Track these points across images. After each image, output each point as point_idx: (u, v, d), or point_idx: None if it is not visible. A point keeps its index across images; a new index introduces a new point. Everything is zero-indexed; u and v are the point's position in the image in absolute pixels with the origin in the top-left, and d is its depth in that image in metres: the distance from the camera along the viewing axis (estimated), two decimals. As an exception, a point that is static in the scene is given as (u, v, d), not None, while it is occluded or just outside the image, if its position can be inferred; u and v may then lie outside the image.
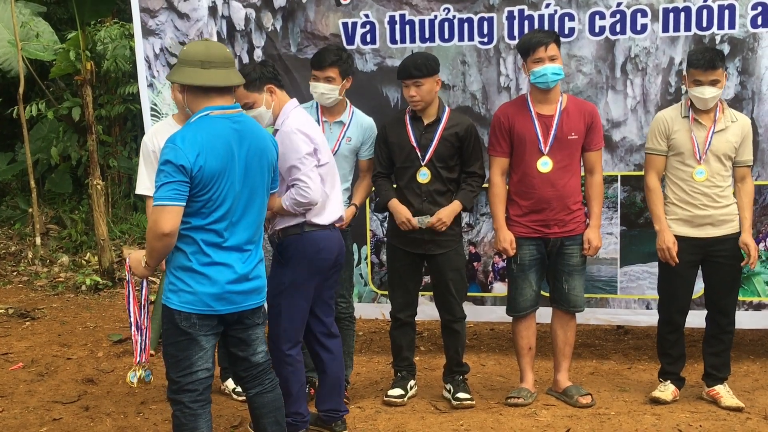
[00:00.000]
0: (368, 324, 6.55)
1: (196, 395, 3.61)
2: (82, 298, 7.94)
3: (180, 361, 3.58)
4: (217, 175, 3.47)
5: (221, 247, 3.54)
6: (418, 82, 4.76)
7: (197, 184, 3.44)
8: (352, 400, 5.00)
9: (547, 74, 4.67)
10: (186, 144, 3.42)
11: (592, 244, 4.83)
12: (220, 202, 3.50)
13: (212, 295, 3.54)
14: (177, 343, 3.58)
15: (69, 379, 5.56)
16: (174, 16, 5.77)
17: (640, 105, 5.41)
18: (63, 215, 10.11)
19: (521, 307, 4.94)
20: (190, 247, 3.51)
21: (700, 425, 4.54)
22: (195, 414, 3.61)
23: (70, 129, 10.03)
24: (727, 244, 4.74)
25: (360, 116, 4.96)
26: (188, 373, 3.58)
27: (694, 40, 5.27)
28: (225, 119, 3.57)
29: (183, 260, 3.53)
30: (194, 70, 3.54)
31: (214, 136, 3.49)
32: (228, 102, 3.62)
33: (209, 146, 3.46)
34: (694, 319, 5.03)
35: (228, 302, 3.58)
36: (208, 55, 3.57)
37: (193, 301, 3.53)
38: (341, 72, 4.78)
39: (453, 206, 4.84)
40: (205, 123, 3.53)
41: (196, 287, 3.52)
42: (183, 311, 3.53)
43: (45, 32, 9.89)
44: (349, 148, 4.90)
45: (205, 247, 3.51)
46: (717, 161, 4.69)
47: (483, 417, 4.72)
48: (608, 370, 5.58)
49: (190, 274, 3.52)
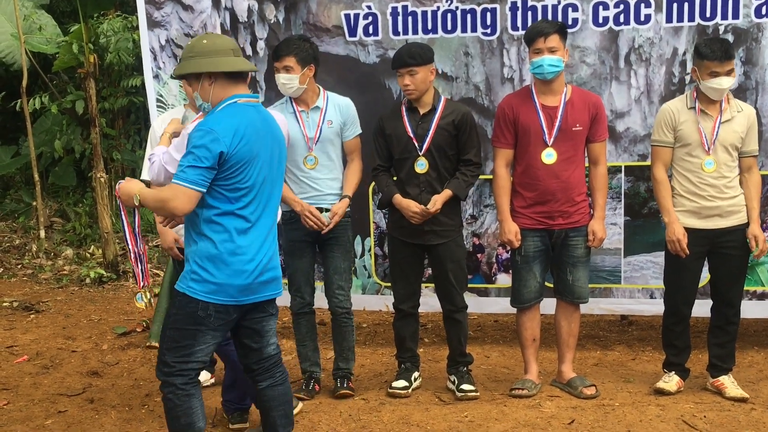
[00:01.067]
0: (372, 316, 6.56)
1: (189, 378, 3.61)
2: (87, 291, 7.95)
3: (180, 347, 3.57)
4: (249, 159, 3.51)
5: (248, 235, 3.56)
6: (413, 70, 4.75)
7: (231, 166, 3.47)
8: (357, 391, 5.01)
9: (544, 65, 4.66)
10: (222, 128, 3.46)
11: (596, 235, 4.83)
12: (249, 186, 3.54)
13: (238, 286, 3.55)
14: (184, 330, 3.57)
15: (74, 372, 5.57)
16: (179, 8, 5.77)
17: (643, 95, 5.39)
18: (67, 208, 10.12)
19: (525, 298, 4.93)
20: (219, 236, 3.52)
21: (704, 416, 4.54)
22: (189, 394, 3.62)
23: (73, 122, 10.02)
24: (735, 236, 4.73)
25: (335, 98, 4.96)
26: (184, 361, 3.58)
27: (698, 30, 5.25)
28: (251, 107, 3.63)
29: (210, 248, 3.52)
30: (228, 59, 3.61)
31: (246, 121, 3.54)
32: (248, 91, 3.69)
33: (243, 131, 3.50)
34: (698, 309, 5.02)
35: (251, 292, 3.60)
36: (234, 44, 3.72)
37: (218, 291, 3.53)
38: (299, 60, 4.77)
39: (444, 194, 4.82)
40: (235, 109, 3.58)
41: (222, 277, 3.52)
42: (204, 301, 3.53)
43: (48, 25, 9.87)
44: (333, 131, 4.89)
45: (235, 234, 3.52)
46: (724, 152, 4.68)
47: (487, 408, 4.72)
48: (612, 361, 5.58)
49: (216, 264, 3.52)
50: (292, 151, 4.86)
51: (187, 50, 3.69)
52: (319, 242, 4.95)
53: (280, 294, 3.78)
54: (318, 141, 4.84)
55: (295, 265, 4.95)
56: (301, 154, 4.86)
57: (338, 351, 5.07)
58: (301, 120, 4.86)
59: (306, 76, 4.81)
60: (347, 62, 5.62)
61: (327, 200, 4.88)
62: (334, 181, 4.91)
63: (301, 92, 4.84)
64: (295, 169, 4.88)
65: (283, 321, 6.73)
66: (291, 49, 4.77)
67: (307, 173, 4.86)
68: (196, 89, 3.67)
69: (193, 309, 3.54)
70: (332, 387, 5.02)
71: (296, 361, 5.25)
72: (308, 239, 4.92)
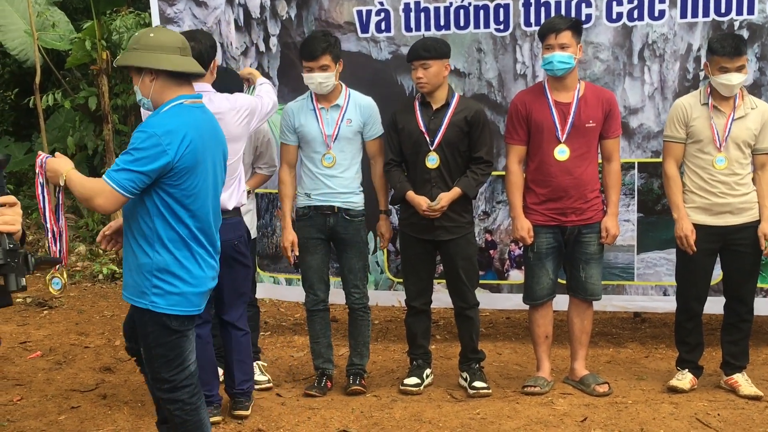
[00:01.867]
0: (384, 312, 6.56)
1: (193, 389, 3.55)
2: (99, 287, 7.99)
3: (172, 360, 3.49)
4: (195, 165, 3.40)
5: (200, 240, 3.47)
6: (426, 63, 4.74)
7: (177, 173, 3.35)
8: (369, 388, 5.01)
9: (554, 62, 4.64)
10: (168, 134, 3.32)
11: (609, 232, 4.81)
12: (196, 192, 3.43)
13: (199, 293, 3.50)
14: (167, 343, 3.47)
15: (87, 368, 5.59)
16: (192, 4, 5.77)
17: (657, 92, 5.37)
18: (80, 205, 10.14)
19: (538, 295, 4.92)
20: (173, 244, 3.41)
21: (718, 414, 4.52)
22: (196, 407, 3.56)
23: (86, 118, 10.05)
24: (747, 233, 4.70)
25: (357, 97, 4.93)
26: (181, 369, 3.51)
27: (713, 26, 5.22)
28: (197, 108, 3.53)
29: (166, 259, 3.41)
30: (172, 57, 3.46)
31: (192, 125, 3.42)
32: (193, 92, 3.58)
33: (190, 136, 3.37)
34: (712, 306, 5.00)
35: (206, 297, 3.57)
36: (184, 42, 3.54)
37: (182, 302, 3.45)
38: (333, 57, 4.77)
39: (452, 193, 4.81)
40: (182, 112, 3.45)
41: (183, 287, 3.44)
42: (172, 314, 3.44)
43: (61, 22, 9.90)
44: (352, 131, 4.87)
45: (188, 241, 3.43)
46: (737, 149, 4.65)
47: (499, 406, 4.71)
48: (625, 358, 5.56)
49: (175, 275, 3.43)
50: (309, 148, 4.87)
51: (132, 41, 3.54)
52: (334, 241, 4.95)
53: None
54: (336, 139, 4.83)
55: (308, 262, 4.95)
56: (318, 151, 4.85)
57: (353, 346, 5.07)
58: (320, 117, 4.84)
59: (338, 72, 4.82)
60: (359, 59, 5.61)
61: (340, 198, 4.86)
62: (350, 180, 4.88)
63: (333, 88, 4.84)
64: (311, 165, 4.88)
65: (295, 317, 6.76)
66: (325, 47, 4.73)
67: (323, 171, 4.85)
68: (137, 83, 3.50)
69: (165, 323, 3.45)
70: (344, 384, 5.02)
71: (308, 358, 5.25)
72: (321, 236, 4.92)
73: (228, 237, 4.33)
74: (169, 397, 3.53)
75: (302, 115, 4.89)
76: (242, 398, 4.60)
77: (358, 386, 4.95)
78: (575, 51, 4.69)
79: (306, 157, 4.92)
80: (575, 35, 4.68)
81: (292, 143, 4.96)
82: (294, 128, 4.91)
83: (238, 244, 4.44)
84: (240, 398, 4.59)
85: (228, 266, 4.38)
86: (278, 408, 4.76)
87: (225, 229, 4.29)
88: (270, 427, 4.49)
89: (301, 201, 4.95)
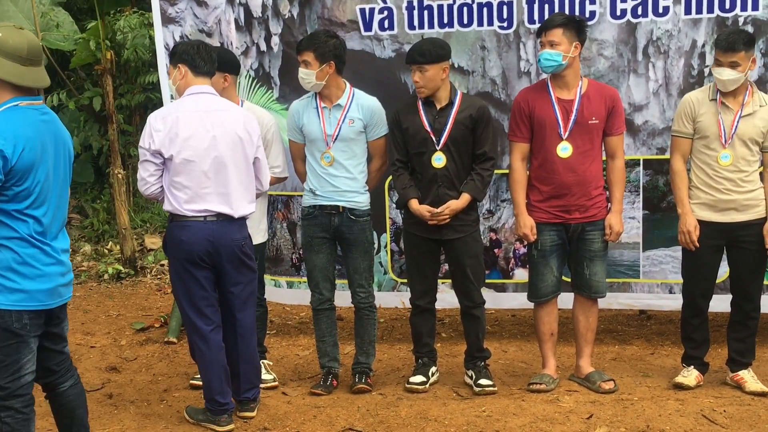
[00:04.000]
0: (389, 311, 6.55)
1: (27, 399, 3.54)
2: (105, 287, 7.99)
3: (8, 365, 3.46)
4: (33, 165, 3.40)
5: (45, 239, 3.48)
6: (423, 67, 4.72)
7: (14, 175, 3.35)
8: (375, 387, 5.01)
9: (540, 59, 4.68)
10: (2, 138, 3.32)
11: (613, 229, 4.80)
12: (38, 192, 3.43)
13: (45, 291, 3.49)
14: (6, 347, 3.44)
15: (92, 368, 5.60)
16: (193, 4, 5.76)
17: (662, 88, 5.35)
18: (85, 204, 10.17)
19: (542, 293, 4.91)
20: (16, 242, 3.42)
21: (724, 410, 4.51)
22: (28, 418, 3.55)
23: (91, 118, 10.08)
24: (752, 230, 4.69)
25: (361, 97, 4.91)
26: (17, 378, 3.48)
27: (717, 22, 5.20)
28: (34, 110, 3.50)
29: (9, 257, 3.41)
30: (11, 66, 3.42)
31: (27, 126, 3.41)
32: (33, 93, 3.55)
33: (25, 137, 3.37)
34: (718, 304, 5.00)
35: (57, 295, 3.56)
36: (29, 51, 3.46)
37: (27, 299, 3.44)
38: (317, 56, 4.73)
39: (461, 201, 4.79)
40: (16, 113, 3.43)
41: (27, 284, 3.44)
42: (15, 311, 3.43)
43: (65, 22, 9.89)
44: (354, 131, 4.85)
45: (32, 239, 3.43)
46: (743, 146, 4.64)
47: (505, 403, 4.71)
48: (631, 355, 5.56)
49: (19, 272, 3.43)
50: (313, 146, 4.88)
51: None
52: (339, 240, 4.95)
53: (70, 298, 3.71)
54: (336, 139, 4.82)
55: (312, 261, 4.95)
56: (319, 149, 4.86)
57: (359, 344, 5.06)
58: (322, 116, 4.84)
59: (325, 73, 4.77)
60: (362, 57, 5.60)
61: (344, 197, 4.86)
62: (352, 180, 4.87)
63: (320, 88, 4.82)
64: (315, 164, 4.89)
65: (300, 316, 6.76)
66: (311, 44, 4.75)
67: (325, 170, 4.85)
68: None
69: (8, 323, 3.43)
70: (350, 382, 5.02)
71: (314, 357, 5.25)
72: (326, 235, 4.92)
73: (235, 238, 4.38)
74: (2, 404, 3.50)
75: (306, 113, 4.89)
76: (248, 401, 4.63)
77: (363, 384, 4.95)
78: (567, 49, 4.65)
79: (310, 155, 4.93)
80: (568, 33, 4.65)
81: (299, 141, 4.98)
82: (299, 127, 4.92)
83: (244, 246, 4.45)
84: (246, 401, 4.62)
85: (234, 268, 4.40)
86: (284, 406, 4.76)
87: (232, 230, 4.33)
88: (276, 426, 4.50)
89: (306, 200, 4.95)
